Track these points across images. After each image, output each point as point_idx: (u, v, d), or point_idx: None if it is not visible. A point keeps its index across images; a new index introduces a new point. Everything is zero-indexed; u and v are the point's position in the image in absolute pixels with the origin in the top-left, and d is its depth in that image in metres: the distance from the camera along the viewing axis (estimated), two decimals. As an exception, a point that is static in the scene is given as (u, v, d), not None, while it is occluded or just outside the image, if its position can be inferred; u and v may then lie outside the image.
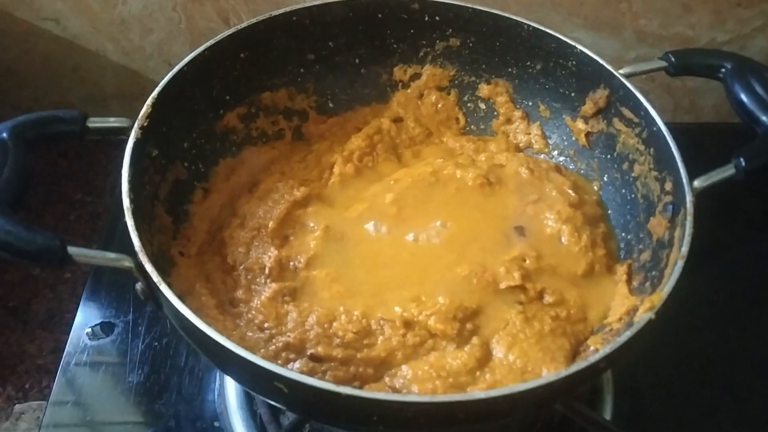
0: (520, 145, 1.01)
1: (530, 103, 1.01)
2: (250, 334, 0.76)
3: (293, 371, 0.60)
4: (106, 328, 0.93)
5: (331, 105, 1.02)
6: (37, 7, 1.02)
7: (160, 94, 0.81)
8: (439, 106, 1.03)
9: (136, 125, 0.77)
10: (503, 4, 1.13)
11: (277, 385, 0.60)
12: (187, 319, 0.63)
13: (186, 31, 1.05)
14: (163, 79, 0.83)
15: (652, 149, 0.85)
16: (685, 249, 0.71)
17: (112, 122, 0.78)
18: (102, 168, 1.24)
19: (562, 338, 0.77)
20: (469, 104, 1.04)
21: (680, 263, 0.70)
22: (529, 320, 0.78)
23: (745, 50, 1.25)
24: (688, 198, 0.75)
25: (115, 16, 1.05)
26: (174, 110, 0.85)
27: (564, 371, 0.61)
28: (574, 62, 0.93)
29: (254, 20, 0.91)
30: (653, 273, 0.79)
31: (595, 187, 0.94)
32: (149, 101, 0.80)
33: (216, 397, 0.92)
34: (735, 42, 1.26)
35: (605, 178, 0.94)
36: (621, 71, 0.88)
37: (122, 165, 0.73)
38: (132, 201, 0.71)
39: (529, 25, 0.94)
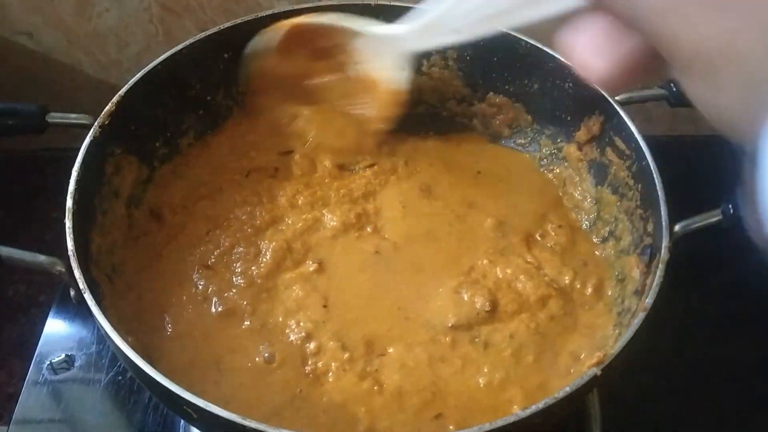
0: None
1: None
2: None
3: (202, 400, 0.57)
4: (67, 361, 0.88)
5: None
6: (9, 21, 1.00)
7: (127, 92, 0.79)
8: None
9: (96, 123, 0.76)
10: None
11: (186, 410, 0.58)
12: (104, 329, 0.61)
13: (164, 43, 1.01)
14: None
15: (640, 185, 0.79)
16: (649, 300, 0.65)
17: (73, 118, 0.77)
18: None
19: None
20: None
21: (641, 316, 0.64)
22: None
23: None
24: (664, 243, 0.70)
25: (90, 30, 1.02)
26: (144, 109, 0.83)
27: (488, 425, 0.57)
28: (570, 84, 0.87)
29: (239, 20, 0.88)
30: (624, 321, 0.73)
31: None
32: (114, 99, 0.78)
33: (182, 435, 0.87)
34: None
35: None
36: (617, 97, 0.83)
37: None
38: (76, 202, 0.69)
39: (527, 42, 0.88)
